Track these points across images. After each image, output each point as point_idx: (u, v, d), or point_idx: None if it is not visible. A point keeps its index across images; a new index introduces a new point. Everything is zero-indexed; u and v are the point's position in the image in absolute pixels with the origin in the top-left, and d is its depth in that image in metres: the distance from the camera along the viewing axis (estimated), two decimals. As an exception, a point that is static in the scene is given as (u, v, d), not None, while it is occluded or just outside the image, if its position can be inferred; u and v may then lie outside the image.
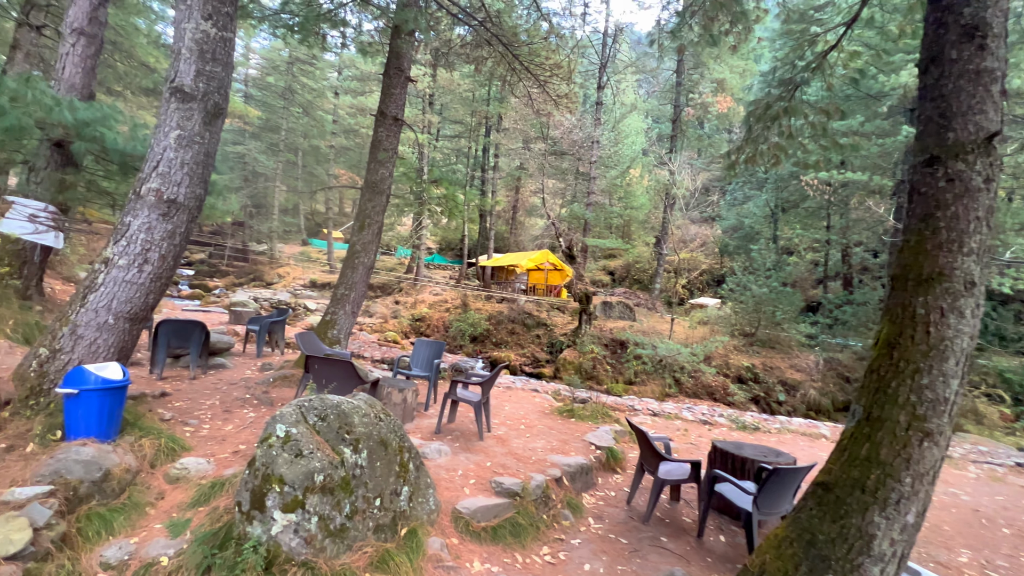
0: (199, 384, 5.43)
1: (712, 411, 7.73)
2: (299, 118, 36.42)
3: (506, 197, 37.39)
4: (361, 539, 2.72)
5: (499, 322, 20.07)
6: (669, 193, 20.22)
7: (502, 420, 5.59)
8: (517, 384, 7.93)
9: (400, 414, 4.82)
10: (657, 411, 7.26)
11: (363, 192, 6.32)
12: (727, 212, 30.30)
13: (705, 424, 6.83)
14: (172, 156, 3.38)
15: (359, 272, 6.27)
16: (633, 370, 15.89)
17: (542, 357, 18.03)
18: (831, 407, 15.24)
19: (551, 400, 6.79)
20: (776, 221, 25.95)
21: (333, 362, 4.17)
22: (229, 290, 28.85)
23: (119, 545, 2.63)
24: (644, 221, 30.49)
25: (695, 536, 3.73)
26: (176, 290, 26.89)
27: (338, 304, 6.21)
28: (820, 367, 15.59)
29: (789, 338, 17.26)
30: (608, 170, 26.17)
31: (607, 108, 27.21)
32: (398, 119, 6.39)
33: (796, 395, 15.40)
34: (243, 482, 2.63)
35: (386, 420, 3.07)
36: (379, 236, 6.31)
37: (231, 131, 38.87)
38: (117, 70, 14.41)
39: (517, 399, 6.74)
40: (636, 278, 31.76)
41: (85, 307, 3.33)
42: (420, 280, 25.43)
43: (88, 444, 3.11)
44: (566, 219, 24.19)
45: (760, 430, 6.74)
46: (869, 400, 2.43)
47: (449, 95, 29.23)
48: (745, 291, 17.86)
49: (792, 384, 15.70)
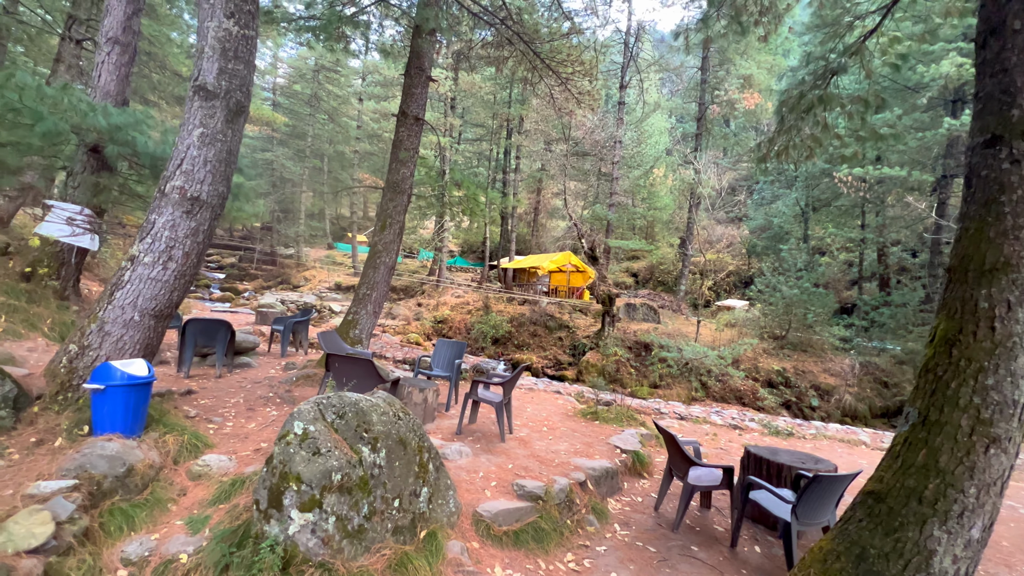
0: (224, 382, 5.50)
1: (742, 415, 7.44)
2: (324, 124, 37.23)
3: (528, 199, 37.33)
4: (379, 541, 2.65)
5: (521, 324, 19.96)
6: (694, 192, 19.77)
7: (524, 422, 5.47)
8: (539, 386, 7.80)
9: (421, 414, 4.75)
10: (684, 415, 7.01)
11: (384, 192, 6.31)
12: (755, 212, 29.48)
13: (735, 428, 6.56)
14: (195, 154, 3.41)
15: (381, 272, 6.26)
16: (658, 373, 15.54)
17: (564, 359, 17.83)
18: (868, 413, 14.59)
19: (574, 402, 6.63)
20: (807, 220, 25.09)
21: (354, 361, 4.13)
22: (258, 293, 29.59)
23: (140, 541, 2.62)
24: (668, 222, 29.98)
25: (728, 546, 3.54)
26: (207, 293, 27.75)
27: (360, 304, 6.21)
28: (856, 371, 14.93)
29: (822, 341, 16.62)
30: (631, 170, 25.82)
31: (629, 108, 26.87)
32: (419, 119, 6.37)
33: (830, 400, 14.80)
34: (261, 480, 2.59)
35: (405, 419, 3.00)
36: (400, 236, 6.30)
37: (259, 138, 40.03)
38: (152, 80, 14.93)
39: (539, 401, 6.61)
40: (660, 280, 31.19)
41: (112, 304, 3.37)
42: (442, 282, 25.54)
43: (113, 439, 3.13)
44: (588, 220, 23.95)
45: (794, 436, 6.43)
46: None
47: (471, 98, 29.37)
48: (775, 292, 17.29)
49: (826, 389, 15.09)
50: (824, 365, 16.12)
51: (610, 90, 29.70)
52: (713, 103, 20.27)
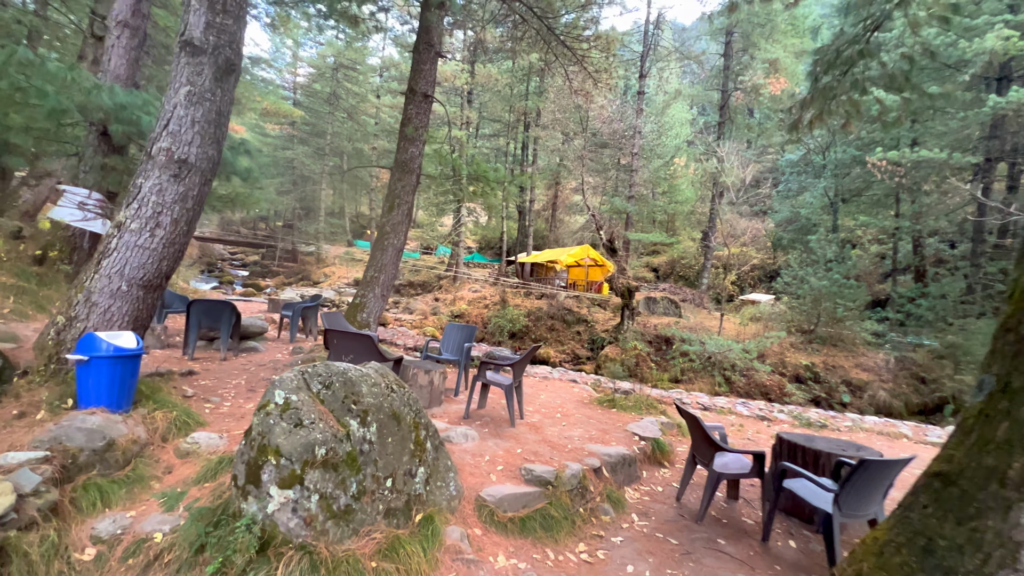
0: (228, 365, 5.36)
1: (770, 407, 6.99)
2: (344, 122, 37.51)
3: (545, 195, 36.96)
4: (369, 523, 2.40)
5: (538, 318, 19.64)
6: (717, 182, 19.10)
7: (536, 408, 5.18)
8: (554, 375, 7.49)
9: (427, 397, 4.51)
10: (708, 405, 6.61)
11: (392, 172, 6.10)
12: (780, 205, 28.49)
13: (763, 420, 6.13)
14: (182, 114, 3.23)
15: (388, 254, 6.04)
16: (679, 367, 15.05)
17: (582, 354, 17.46)
18: (904, 410, 13.84)
19: (590, 391, 6.31)
20: (836, 211, 24.08)
21: (352, 337, 3.91)
22: (279, 288, 30.05)
23: (114, 518, 2.42)
24: (689, 214, 29.23)
25: (759, 540, 3.19)
26: (230, 289, 28.26)
27: (367, 287, 6.01)
28: (891, 366, 14.17)
29: (853, 335, 15.85)
30: (650, 161, 25.22)
31: (649, 99, 26.23)
32: (428, 96, 6.13)
33: (862, 396, 14.08)
34: (239, 453, 2.37)
35: (399, 392, 2.75)
36: (409, 217, 6.07)
37: (280, 137, 40.61)
38: (166, 70, 15.02)
39: (554, 389, 6.31)
40: (681, 275, 30.45)
41: (99, 273, 3.21)
42: (459, 276, 25.41)
43: (97, 413, 2.96)
44: (607, 213, 23.46)
45: (828, 428, 5.97)
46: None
47: (487, 93, 29.14)
48: (803, 284, 16.57)
49: (858, 384, 14.38)
50: (856, 360, 15.38)
51: (629, 80, 29.10)
52: (737, 89, 19.54)
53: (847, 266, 16.16)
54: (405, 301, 25.17)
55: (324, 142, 37.08)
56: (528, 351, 4.42)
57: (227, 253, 45.74)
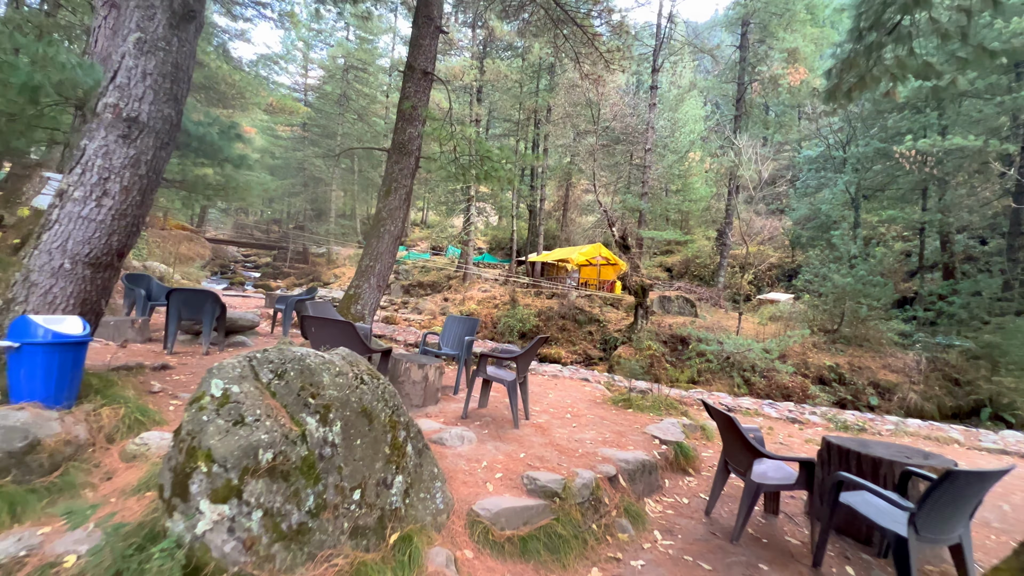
0: (210, 359, 4.94)
1: (800, 408, 6.39)
2: (354, 124, 37.44)
3: (556, 195, 36.47)
4: (330, 545, 1.93)
5: (549, 318, 19.14)
6: (734, 176, 18.42)
7: (544, 408, 4.69)
8: (565, 373, 6.98)
9: (420, 394, 4.04)
10: (732, 406, 6.05)
11: (390, 155, 5.66)
12: (797, 203, 27.63)
13: (794, 422, 5.56)
14: (131, 64, 2.82)
15: (385, 241, 5.60)
16: (696, 368, 14.42)
17: (595, 354, 16.90)
18: (936, 414, 13.05)
19: (603, 390, 5.79)
20: (857, 208, 23.20)
21: (331, 324, 3.42)
22: (289, 289, 30.00)
23: (20, 536, 1.98)
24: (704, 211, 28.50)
25: (810, 565, 2.65)
26: (241, 290, 28.21)
27: (362, 277, 5.57)
28: (923, 367, 13.38)
29: (879, 335, 15.06)
30: (663, 158, 24.59)
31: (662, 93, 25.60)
32: (428, 73, 5.69)
33: (892, 399, 13.32)
34: (167, 458, 1.92)
35: (372, 384, 2.27)
36: (407, 202, 5.63)
37: (291, 139, 40.75)
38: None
39: (564, 388, 5.81)
40: (696, 274, 29.72)
41: (39, 249, 2.81)
42: (469, 274, 25.01)
43: (26, 408, 2.54)
44: (620, 210, 22.90)
45: (867, 431, 5.37)
46: None
47: (497, 92, 28.76)
48: (825, 282, 15.83)
49: (886, 387, 13.61)
50: (883, 361, 14.60)
51: (642, 76, 28.52)
52: (754, 81, 18.86)
53: (873, 263, 15.39)
54: (414, 301, 24.84)
55: (335, 143, 37.06)
56: (533, 343, 3.92)
57: (240, 255, 46.14)
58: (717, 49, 23.85)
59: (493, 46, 27.32)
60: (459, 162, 5.82)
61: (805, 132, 30.36)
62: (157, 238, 26.82)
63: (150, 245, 23.63)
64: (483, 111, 24.22)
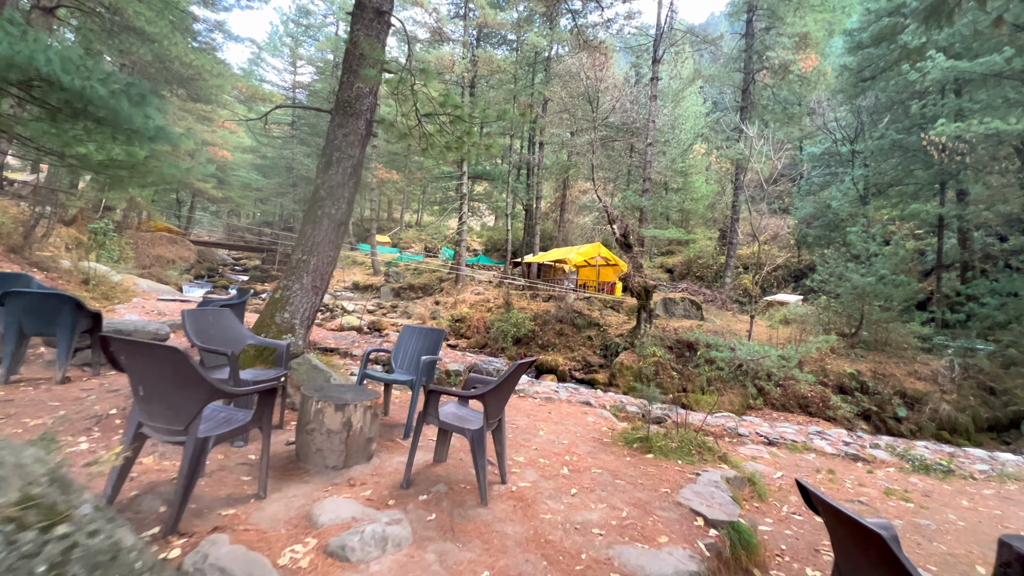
0: (61, 391, 3.60)
1: (859, 441, 5.15)
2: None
3: (554, 194, 35.39)
4: None
5: (545, 322, 17.95)
6: (743, 168, 17.28)
7: (532, 456, 3.46)
8: (560, 394, 5.73)
9: (340, 450, 2.80)
10: (772, 437, 4.84)
11: (332, 116, 4.43)
12: (801, 201, 26.59)
13: (855, 460, 4.37)
14: None
15: (323, 228, 4.33)
16: (705, 377, 13.25)
17: (595, 361, 15.71)
18: (971, 426, 11.92)
19: (610, 419, 4.58)
20: (867, 204, 22.13)
21: (147, 351, 2.02)
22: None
23: None
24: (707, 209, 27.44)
25: None
26: (224, 293, 27.01)
27: (292, 275, 4.29)
28: (955, 375, 12.22)
29: (902, 339, 13.93)
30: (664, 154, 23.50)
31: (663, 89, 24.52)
32: (383, 13, 4.48)
33: (922, 410, 12.15)
34: None
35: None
36: (356, 179, 4.42)
37: (279, 136, 39.54)
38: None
39: (559, 417, 4.60)
40: (698, 275, 28.70)
41: None
42: (462, 276, 23.82)
43: None
44: (620, 207, 21.77)
45: (955, 475, 4.19)
46: None
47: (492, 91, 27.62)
48: (841, 282, 14.70)
49: (914, 396, 12.45)
50: (909, 367, 13.45)
51: (641, 68, 27.45)
52: (763, 68, 17.74)
53: (895, 260, 14.25)
54: (404, 304, 23.66)
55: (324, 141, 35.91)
56: (509, 371, 2.69)
57: (230, 258, 45.15)
58: (720, 39, 22.79)
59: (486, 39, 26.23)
60: (422, 127, 4.59)
61: (808, 130, 29.37)
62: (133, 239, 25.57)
63: (122, 246, 22.39)
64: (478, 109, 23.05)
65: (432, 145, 4.59)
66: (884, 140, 18.31)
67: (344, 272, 32.56)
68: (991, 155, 12.29)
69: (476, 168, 28.26)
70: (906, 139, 17.16)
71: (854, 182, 22.03)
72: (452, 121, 4.47)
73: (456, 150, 4.58)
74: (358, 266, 35.57)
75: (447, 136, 4.52)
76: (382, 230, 50.94)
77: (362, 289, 30.54)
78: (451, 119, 4.43)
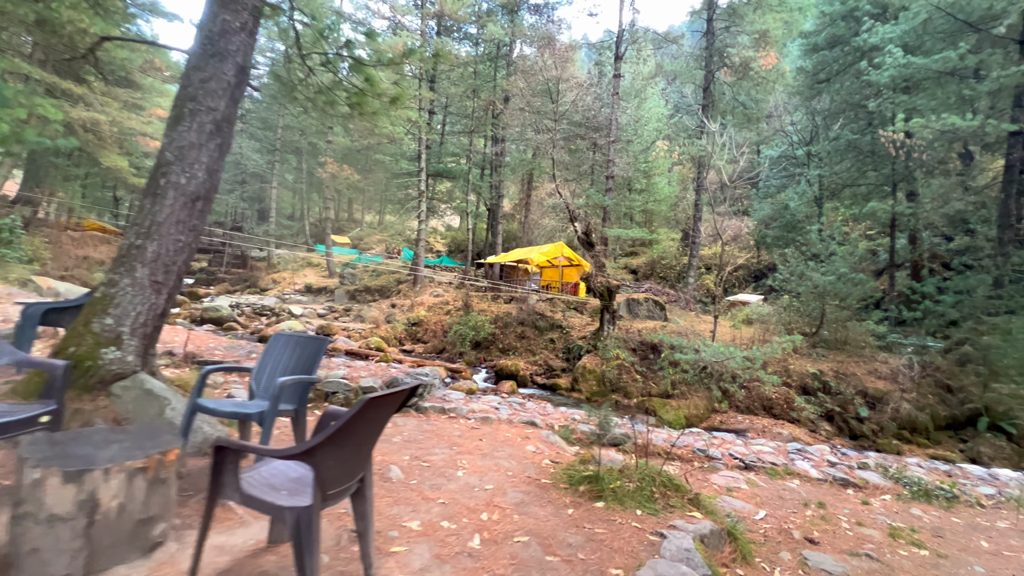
0: None
1: (845, 459, 4.46)
2: (299, 116, 34.35)
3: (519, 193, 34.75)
4: None
5: (506, 325, 17.13)
6: (704, 166, 17.02)
7: (433, 518, 2.47)
8: (501, 412, 4.74)
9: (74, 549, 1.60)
10: (748, 459, 4.08)
11: (190, 58, 3.35)
12: (759, 204, 26.97)
13: (846, 486, 3.70)
14: None
15: (167, 203, 3.18)
16: (670, 380, 12.75)
17: (557, 365, 15.01)
18: (930, 425, 11.87)
19: (558, 443, 3.70)
20: (821, 205, 22.49)
21: None
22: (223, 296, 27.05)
23: None
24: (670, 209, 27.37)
25: None
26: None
27: (121, 267, 3.12)
28: (914, 373, 12.15)
29: (860, 338, 13.90)
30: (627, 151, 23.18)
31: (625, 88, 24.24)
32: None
33: (883, 410, 12.01)
34: None
35: None
36: (220, 140, 3.34)
37: (226, 131, 37.33)
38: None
39: (492, 445, 3.68)
40: (662, 276, 28.66)
41: None
42: (421, 278, 22.71)
43: None
44: (583, 206, 21.27)
45: (960, 501, 3.58)
46: None
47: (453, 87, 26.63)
48: (802, 281, 14.58)
49: (875, 396, 12.32)
50: (869, 366, 13.37)
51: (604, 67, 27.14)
52: (724, 65, 17.57)
53: (853, 259, 14.22)
54: (358, 308, 22.35)
55: (275, 136, 33.96)
56: (353, 412, 1.70)
57: (176, 260, 42.02)
58: (681, 38, 22.69)
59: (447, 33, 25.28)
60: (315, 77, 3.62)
61: (766, 134, 29.89)
62: (52, 239, 23.16)
63: (36, 246, 20.11)
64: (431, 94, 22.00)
65: (332, 103, 3.64)
66: (839, 141, 18.51)
67: (295, 274, 30.85)
68: (946, 152, 12.33)
69: (436, 166, 27.18)
70: (860, 140, 17.35)
71: (809, 183, 22.34)
72: (352, 69, 3.53)
73: (360, 108, 3.63)
74: (313, 268, 33.81)
75: (347, 90, 3.57)
76: (341, 231, 48.98)
77: (315, 292, 28.89)
78: (350, 67, 3.49)
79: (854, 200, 19.75)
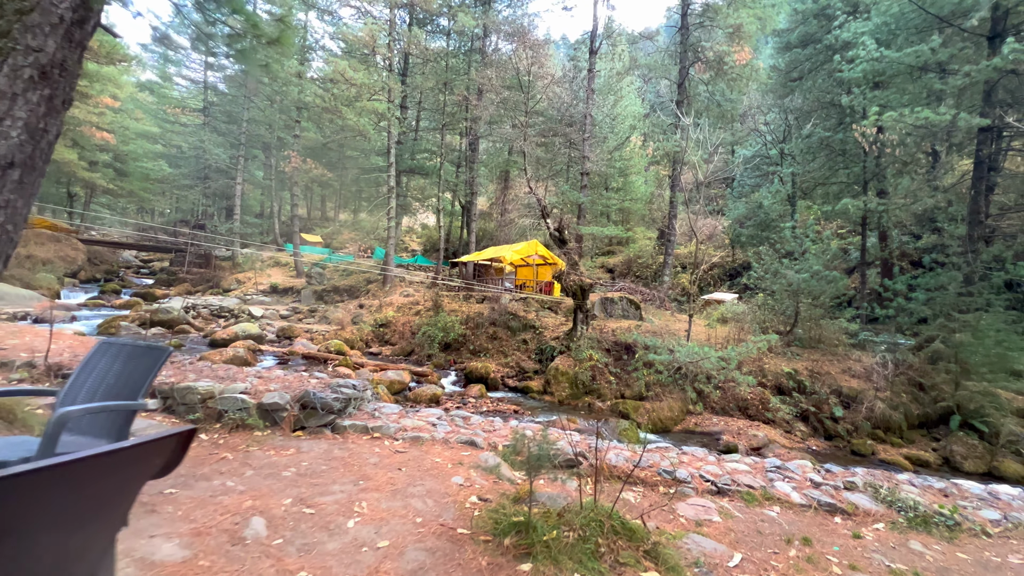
0: None
1: (826, 474, 3.95)
2: (264, 109, 32.96)
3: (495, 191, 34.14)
4: None
5: (478, 325, 16.49)
6: (679, 162, 16.71)
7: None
8: (439, 430, 4.02)
9: None
10: (721, 480, 3.52)
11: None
12: (734, 203, 27.03)
13: (833, 513, 3.20)
14: None
15: None
16: (644, 381, 12.32)
17: (529, 367, 14.44)
18: (904, 424, 11.71)
19: (497, 471, 3.07)
20: (794, 203, 22.55)
21: None
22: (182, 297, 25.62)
23: None
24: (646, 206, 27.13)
25: None
26: (109, 299, 23.47)
27: None
28: (888, 371, 11.99)
29: (834, 336, 13.75)
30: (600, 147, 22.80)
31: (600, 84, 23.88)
32: None
33: (858, 409, 11.81)
34: None
35: None
36: (45, 92, 2.53)
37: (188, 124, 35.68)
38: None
39: (411, 477, 3.01)
40: (638, 275, 28.44)
41: None
42: (391, 277, 21.88)
43: None
44: (558, 204, 20.79)
45: (963, 529, 3.12)
46: None
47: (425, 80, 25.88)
48: (777, 279, 14.37)
49: (850, 395, 12.11)
50: (843, 364, 13.20)
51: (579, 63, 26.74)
52: (699, 60, 17.31)
53: (826, 257, 14.06)
54: (324, 309, 21.37)
55: (239, 130, 32.50)
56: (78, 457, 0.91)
57: (136, 260, 40.25)
58: (656, 35, 22.44)
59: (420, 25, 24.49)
60: None
61: (740, 134, 30.00)
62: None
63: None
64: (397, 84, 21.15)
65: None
66: (812, 139, 18.46)
67: (261, 274, 29.57)
68: (916, 149, 12.22)
69: (408, 162, 26.38)
70: (832, 138, 17.30)
71: (783, 181, 22.37)
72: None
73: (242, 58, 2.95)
74: (281, 267, 32.53)
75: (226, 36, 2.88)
76: (311, 229, 47.50)
77: (281, 292, 27.75)
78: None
79: (826, 198, 19.77)
